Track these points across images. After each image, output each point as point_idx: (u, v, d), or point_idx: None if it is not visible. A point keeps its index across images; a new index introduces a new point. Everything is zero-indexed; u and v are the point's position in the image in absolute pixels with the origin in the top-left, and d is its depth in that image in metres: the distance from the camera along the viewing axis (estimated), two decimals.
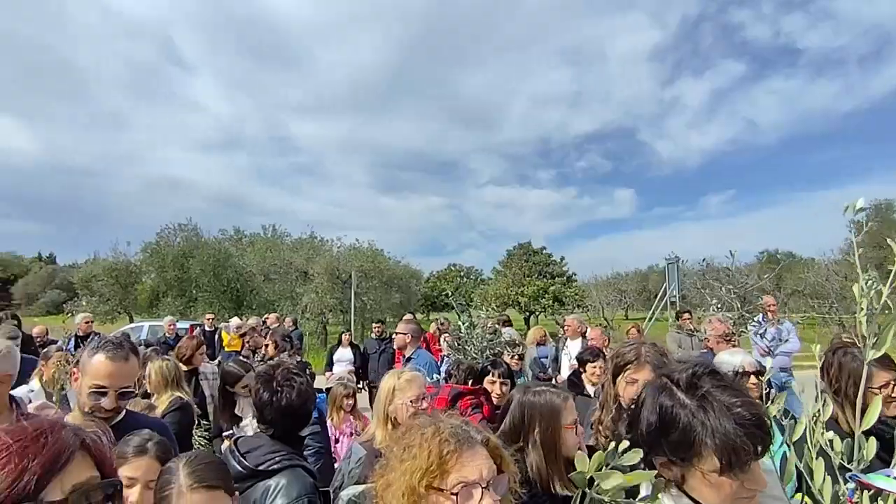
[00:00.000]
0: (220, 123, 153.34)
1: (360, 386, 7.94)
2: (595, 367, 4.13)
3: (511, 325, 8.39)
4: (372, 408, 3.27)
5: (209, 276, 25.73)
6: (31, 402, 3.18)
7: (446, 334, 6.79)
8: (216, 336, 9.86)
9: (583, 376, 4.21)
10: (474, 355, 4.27)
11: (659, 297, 19.87)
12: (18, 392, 3.40)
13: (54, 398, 3.94)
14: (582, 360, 4.31)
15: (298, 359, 5.78)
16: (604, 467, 0.85)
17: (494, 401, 3.48)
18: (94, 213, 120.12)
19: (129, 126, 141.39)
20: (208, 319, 10.21)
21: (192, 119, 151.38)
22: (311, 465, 2.10)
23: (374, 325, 9.46)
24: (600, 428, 2.31)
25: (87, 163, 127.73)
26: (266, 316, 11.48)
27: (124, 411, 2.04)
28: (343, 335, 9.16)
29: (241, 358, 7.04)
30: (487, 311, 5.09)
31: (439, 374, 4.67)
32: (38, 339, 7.68)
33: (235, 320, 9.96)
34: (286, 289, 26.50)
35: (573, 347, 6.71)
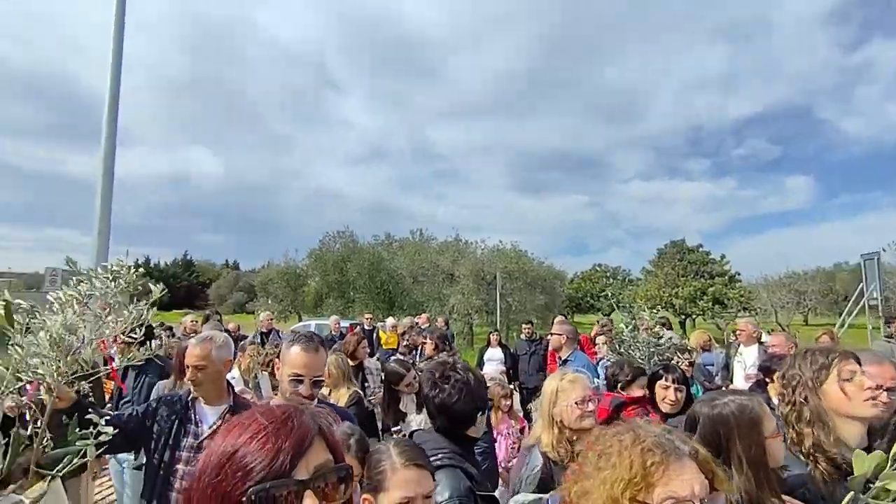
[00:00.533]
0: (367, 138, 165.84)
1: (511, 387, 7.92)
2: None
3: (671, 329, 7.73)
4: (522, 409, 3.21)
5: (365, 278, 27.91)
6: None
7: (601, 336, 6.46)
8: (374, 334, 10.57)
9: (769, 387, 3.68)
10: (640, 360, 3.97)
11: (853, 299, 16.92)
12: None
13: (250, 384, 4.51)
14: (768, 369, 3.78)
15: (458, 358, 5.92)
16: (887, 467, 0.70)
17: (666, 409, 3.18)
18: (268, 224, 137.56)
19: (292, 146, 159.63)
20: (367, 319, 10.98)
21: (344, 136, 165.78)
22: (477, 466, 2.08)
23: (523, 326, 9.38)
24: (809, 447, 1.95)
25: (260, 181, 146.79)
26: (418, 316, 12.05)
27: (316, 399, 2.24)
28: (491, 335, 9.23)
29: (399, 356, 7.42)
30: (649, 313, 4.72)
31: (598, 377, 4.43)
32: (233, 334, 8.90)
33: (391, 320, 10.59)
34: (434, 290, 27.66)
35: (748, 355, 5.94)
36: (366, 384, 5.33)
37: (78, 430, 1.01)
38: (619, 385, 3.33)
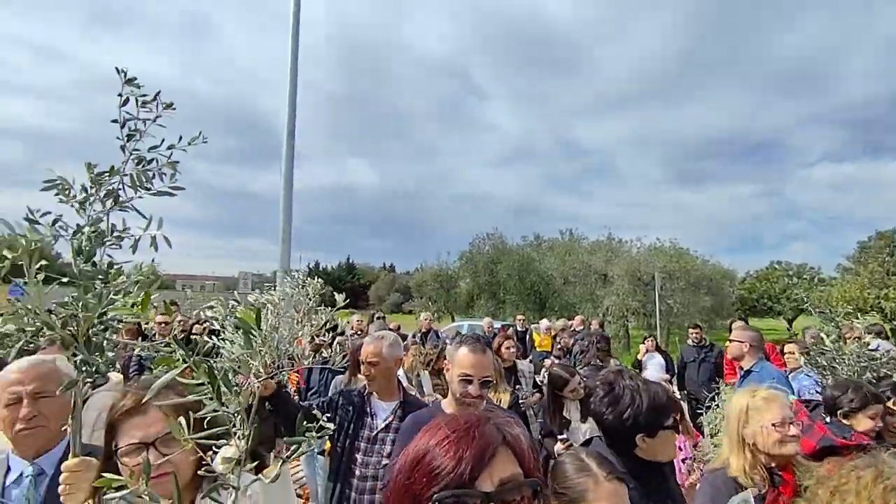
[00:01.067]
0: (511, 139, 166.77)
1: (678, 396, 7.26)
2: None
3: (887, 338, 6.43)
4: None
5: (515, 280, 27.99)
6: None
7: (791, 345, 5.61)
8: (527, 336, 10.50)
9: None
10: (849, 376, 3.33)
11: None
12: None
13: (413, 382, 4.75)
14: None
15: (617, 362, 5.63)
16: None
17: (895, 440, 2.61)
18: (420, 227, 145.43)
19: (440, 152, 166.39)
20: (520, 320, 10.95)
21: (489, 139, 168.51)
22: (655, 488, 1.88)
23: (690, 330, 8.56)
24: None
25: (411, 187, 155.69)
26: (571, 318, 11.70)
27: (485, 400, 2.26)
28: (646, 340, 8.53)
29: (553, 359, 7.24)
30: (861, 319, 3.95)
31: (793, 393, 3.83)
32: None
33: (545, 322, 10.41)
34: (585, 291, 26.72)
35: None
36: (518, 386, 5.30)
37: (305, 422, 1.13)
38: (839, 412, 2.75)
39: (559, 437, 2.71)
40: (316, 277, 2.43)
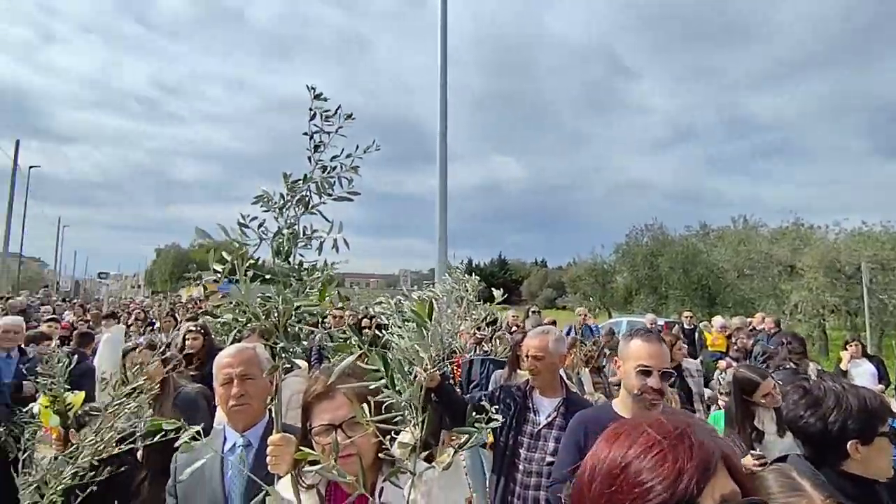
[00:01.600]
0: (668, 119, 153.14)
1: None
2: None
3: None
4: None
5: (679, 273, 25.73)
6: None
7: None
8: (695, 334, 9.61)
9: None
10: None
11: None
12: None
13: (573, 380, 4.62)
14: None
15: (817, 367, 4.85)
16: None
17: None
18: (572, 221, 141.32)
19: (590, 141, 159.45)
20: (686, 317, 10.05)
21: (642, 121, 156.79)
22: None
23: None
24: None
25: (561, 180, 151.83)
26: (751, 316, 10.40)
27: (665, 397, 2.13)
28: (852, 343, 7.16)
29: (729, 360, 6.52)
30: None
31: None
32: None
33: (719, 319, 9.40)
34: (767, 286, 23.53)
35: None
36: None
37: (474, 414, 1.16)
38: None
39: (751, 451, 2.40)
40: (473, 274, 2.50)
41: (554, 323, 10.65)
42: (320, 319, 7.57)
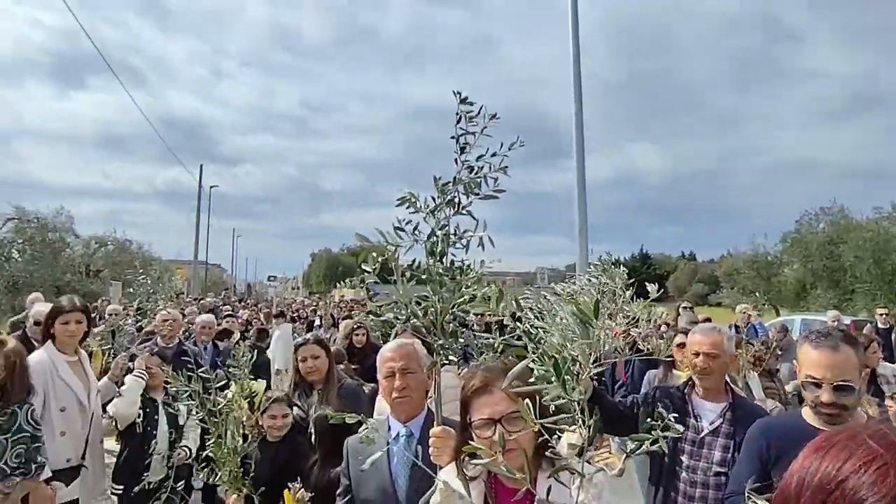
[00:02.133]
0: (844, 85, 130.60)
1: None
2: None
3: None
4: None
5: (867, 263, 21.96)
6: None
7: None
8: (892, 335, 8.14)
9: None
10: None
11: None
12: None
13: (739, 384, 4.18)
14: None
15: None
16: None
17: None
18: (723, 209, 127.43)
19: (743, 119, 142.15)
20: (881, 315, 8.55)
21: (809, 91, 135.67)
22: None
23: None
24: None
25: (708, 165, 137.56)
26: None
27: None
28: None
29: None
30: None
31: None
32: None
33: None
34: None
35: None
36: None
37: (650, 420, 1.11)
38: None
39: None
40: (620, 267, 2.37)
41: (709, 320, 9.76)
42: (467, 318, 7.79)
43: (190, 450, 3.62)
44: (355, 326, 4.99)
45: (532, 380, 1.14)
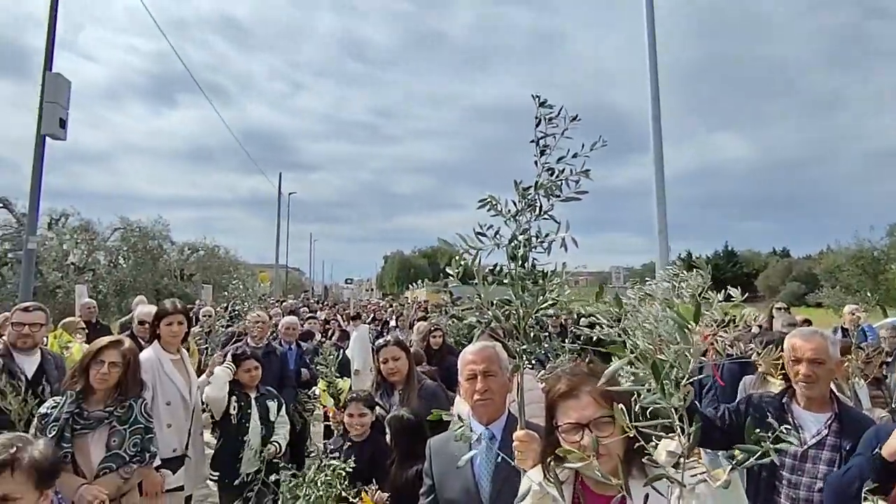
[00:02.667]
0: None
1: None
2: None
3: None
4: None
5: None
6: None
7: None
8: None
9: None
10: None
11: None
12: None
13: (847, 392, 3.83)
14: None
15: None
16: None
17: None
18: (820, 201, 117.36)
19: (841, 101, 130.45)
20: None
21: None
22: None
23: None
24: None
25: (801, 153, 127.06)
26: None
27: None
28: None
29: None
30: None
31: None
32: None
33: None
34: None
35: None
36: None
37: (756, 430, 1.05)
38: None
39: None
40: (707, 266, 2.24)
41: (808, 322, 9.01)
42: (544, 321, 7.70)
43: (280, 445, 3.83)
44: (432, 328, 5.07)
45: (626, 382, 1.11)
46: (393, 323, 11.13)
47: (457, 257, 1.70)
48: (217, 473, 3.73)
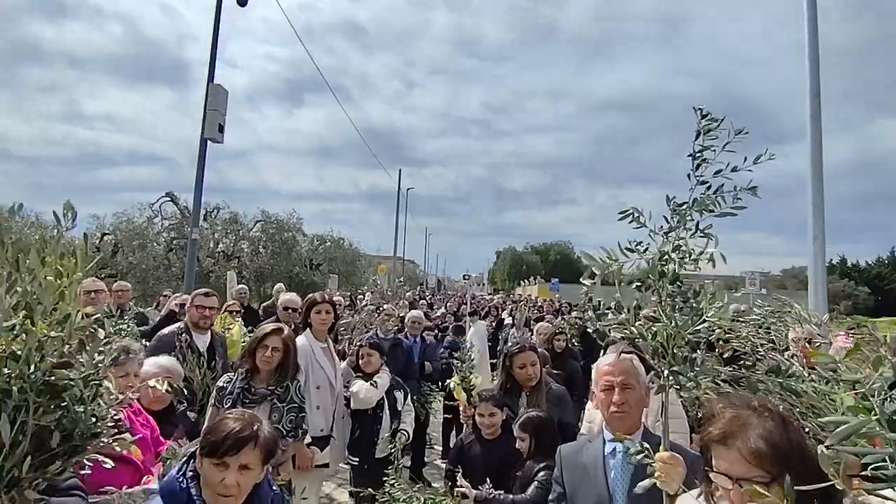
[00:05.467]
0: None
1: None
2: None
3: None
4: None
5: None
6: None
7: None
8: None
9: None
10: None
11: None
12: None
13: None
14: None
15: None
16: None
17: None
18: None
19: None
20: None
21: None
22: None
23: None
24: None
25: None
26: None
27: None
28: None
29: None
30: None
31: None
32: None
33: None
34: None
35: None
36: None
37: None
38: None
39: None
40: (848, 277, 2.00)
41: None
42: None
43: (408, 433, 4.07)
44: (556, 331, 5.07)
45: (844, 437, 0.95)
46: (508, 320, 11.14)
47: (594, 269, 1.67)
48: (356, 458, 4.00)
